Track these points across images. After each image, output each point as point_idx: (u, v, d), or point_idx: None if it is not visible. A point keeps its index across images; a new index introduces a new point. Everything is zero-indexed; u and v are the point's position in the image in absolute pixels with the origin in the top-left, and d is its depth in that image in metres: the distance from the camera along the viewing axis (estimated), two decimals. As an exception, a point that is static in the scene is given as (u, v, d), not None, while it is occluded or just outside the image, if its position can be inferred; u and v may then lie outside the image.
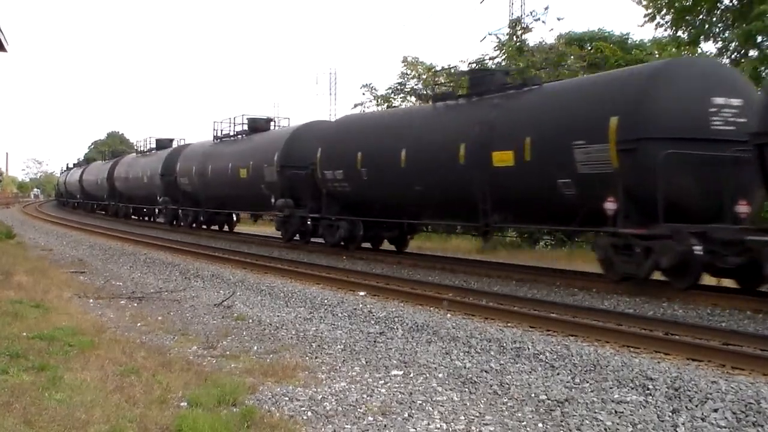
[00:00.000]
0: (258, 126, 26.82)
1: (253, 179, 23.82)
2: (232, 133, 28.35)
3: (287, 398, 6.13)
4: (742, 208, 11.67)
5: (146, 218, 40.77)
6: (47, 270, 14.98)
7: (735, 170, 11.53)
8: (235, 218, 31.36)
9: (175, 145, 37.04)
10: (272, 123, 27.34)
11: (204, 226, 31.07)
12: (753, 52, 21.24)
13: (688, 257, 11.08)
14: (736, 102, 12.02)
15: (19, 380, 6.22)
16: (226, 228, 31.34)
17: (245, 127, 27.40)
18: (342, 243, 19.76)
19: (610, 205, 12.26)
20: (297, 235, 22.19)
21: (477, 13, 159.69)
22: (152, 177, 34.65)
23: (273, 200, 22.49)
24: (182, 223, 32.22)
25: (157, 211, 36.08)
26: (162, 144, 38.54)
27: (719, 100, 11.98)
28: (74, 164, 66.28)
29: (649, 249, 11.62)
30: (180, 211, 32.07)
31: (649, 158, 11.56)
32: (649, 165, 11.54)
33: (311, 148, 20.49)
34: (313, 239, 21.47)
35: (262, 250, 21.25)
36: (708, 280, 12.50)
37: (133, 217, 41.65)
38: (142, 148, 40.62)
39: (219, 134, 29.24)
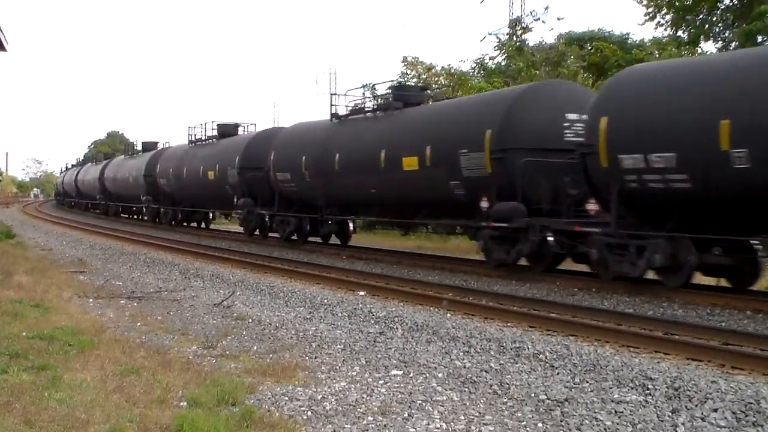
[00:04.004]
0: (227, 131, 29.38)
1: (220, 180, 26.49)
2: (204, 138, 30.94)
3: (287, 398, 6.13)
4: (591, 206, 13.01)
5: (134, 216, 42.63)
6: (47, 270, 14.98)
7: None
8: (211, 216, 33.60)
9: (160, 147, 39.65)
10: (240, 128, 29.68)
11: (184, 224, 33.54)
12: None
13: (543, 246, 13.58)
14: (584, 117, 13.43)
15: (19, 380, 6.23)
16: (203, 225, 34.13)
17: (216, 132, 30.04)
18: (293, 237, 22.29)
19: (484, 203, 14.44)
20: (257, 230, 24.57)
21: (477, 13, 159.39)
22: (137, 177, 37.07)
23: (236, 199, 24.83)
24: (163, 221, 34.27)
25: (144, 209, 38.25)
26: (147, 147, 41.72)
27: (571, 116, 14.13)
28: (72, 165, 67.17)
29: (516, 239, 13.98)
30: (161, 209, 34.35)
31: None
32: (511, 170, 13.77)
33: (266, 153, 22.97)
34: (270, 234, 23.99)
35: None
36: (704, 279, 12.56)
37: (122, 215, 43.88)
38: (130, 152, 44.89)
39: (193, 138, 31.89)
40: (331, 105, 21.12)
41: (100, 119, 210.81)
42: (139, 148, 44.00)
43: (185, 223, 33.78)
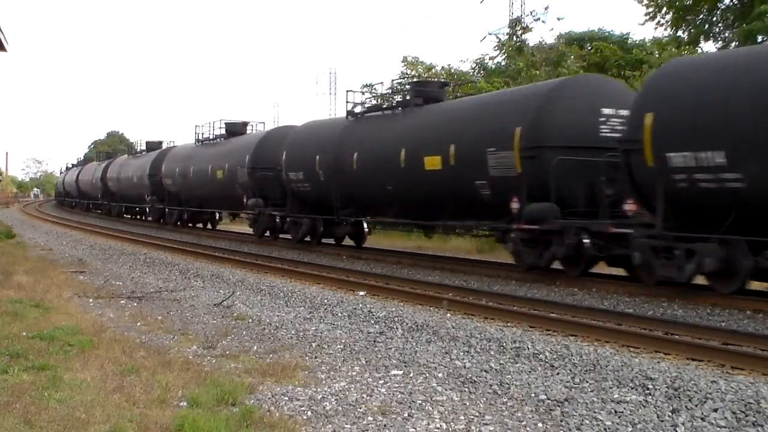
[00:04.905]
0: (235, 130, 28.91)
1: (229, 180, 26.05)
2: (211, 137, 30.53)
3: (287, 398, 6.13)
4: (629, 206, 12.36)
5: (137, 217, 42.40)
6: (47, 270, 14.97)
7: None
8: (218, 217, 32.96)
9: (165, 146, 39.07)
10: (249, 127, 29.21)
11: (189, 224, 33.05)
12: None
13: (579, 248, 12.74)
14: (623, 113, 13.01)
15: (19, 380, 6.22)
16: (209, 226, 33.42)
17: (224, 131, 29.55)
18: (306, 238, 21.62)
19: (514, 204, 13.72)
20: (267, 231, 24.07)
21: (477, 13, 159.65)
22: (141, 177, 36.56)
23: (245, 200, 24.30)
24: (168, 221, 33.81)
25: (148, 209, 37.76)
26: (151, 146, 41.12)
27: (607, 111, 13.35)
28: (73, 164, 66.30)
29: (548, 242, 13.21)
30: (166, 209, 33.94)
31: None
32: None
33: (278, 152, 22.36)
34: (281, 235, 23.53)
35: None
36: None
37: (125, 215, 43.41)
38: (133, 151, 44.07)
39: (200, 137, 31.54)
40: (347, 102, 20.50)
41: (100, 119, 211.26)
42: (141, 147, 43.13)
43: (190, 224, 33.25)
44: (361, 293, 12.27)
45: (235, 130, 28.87)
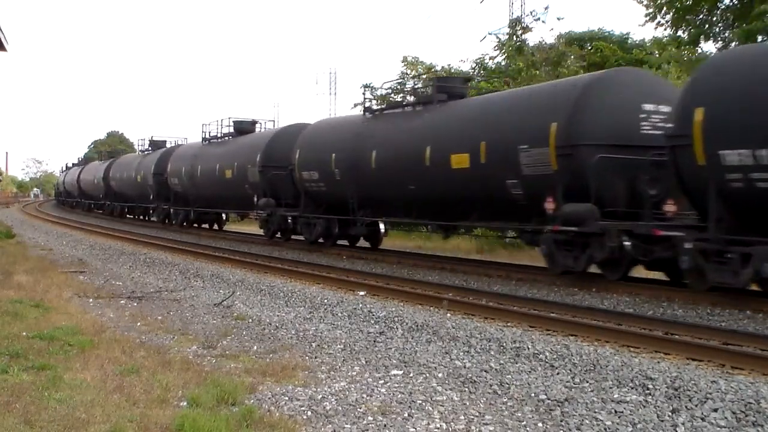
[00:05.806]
0: (244, 128, 28.30)
1: (238, 179, 25.27)
2: (219, 135, 29.75)
3: (287, 398, 6.13)
4: (670, 207, 12.05)
5: (140, 217, 42.02)
6: (47, 270, 14.97)
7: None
8: (224, 217, 32.52)
9: (169, 145, 38.46)
10: (257, 125, 28.72)
11: (195, 225, 32.42)
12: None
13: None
14: (664, 109, 12.62)
15: (19, 380, 6.23)
16: (215, 227, 32.77)
17: (232, 130, 28.89)
18: (320, 240, 20.90)
19: (549, 205, 13.25)
20: (278, 232, 23.41)
21: (477, 13, 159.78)
22: (145, 177, 35.83)
23: (256, 199, 23.77)
24: (173, 222, 33.25)
25: (152, 210, 37.26)
26: (156, 145, 40.48)
27: (648, 107, 12.79)
28: (73, 164, 65.62)
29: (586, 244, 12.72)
30: (171, 210, 33.33)
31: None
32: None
33: (290, 150, 21.81)
34: (293, 236, 22.92)
35: (256, 249, 21.49)
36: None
37: (128, 216, 42.73)
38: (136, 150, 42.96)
39: (207, 136, 30.70)
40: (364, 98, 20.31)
41: (100, 119, 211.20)
42: (143, 147, 42.22)
43: (196, 225, 32.51)
44: (361, 293, 12.27)
45: (243, 128, 28.27)
